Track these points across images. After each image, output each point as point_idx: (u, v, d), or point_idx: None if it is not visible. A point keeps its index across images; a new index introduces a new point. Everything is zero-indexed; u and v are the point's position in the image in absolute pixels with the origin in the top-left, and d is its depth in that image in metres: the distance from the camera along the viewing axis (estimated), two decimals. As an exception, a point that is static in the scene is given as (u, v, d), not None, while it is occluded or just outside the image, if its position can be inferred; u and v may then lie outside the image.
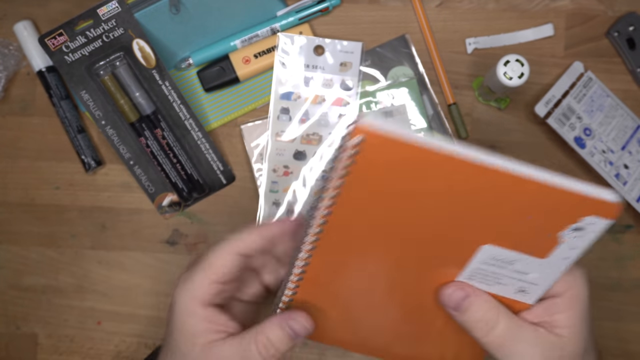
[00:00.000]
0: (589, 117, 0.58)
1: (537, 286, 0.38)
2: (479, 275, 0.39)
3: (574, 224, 0.34)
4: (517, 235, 0.36)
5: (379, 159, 0.32)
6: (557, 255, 0.36)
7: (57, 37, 0.54)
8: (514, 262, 0.37)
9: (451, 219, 0.35)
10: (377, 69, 0.60)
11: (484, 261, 0.37)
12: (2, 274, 0.61)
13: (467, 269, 0.38)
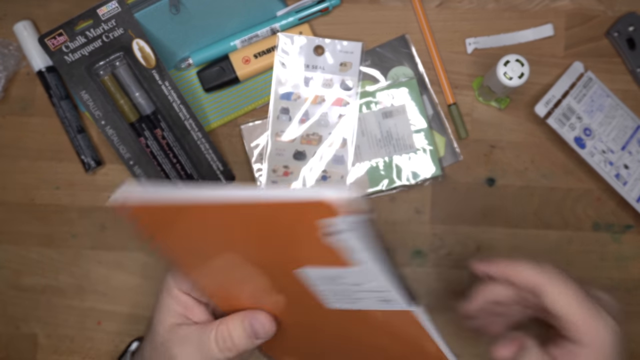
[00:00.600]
0: (589, 117, 0.57)
1: (389, 291, 0.37)
2: (339, 296, 0.38)
3: (324, 232, 0.32)
4: (310, 252, 0.35)
5: (152, 221, 0.36)
6: (355, 261, 0.35)
7: (57, 37, 0.54)
8: (341, 277, 0.36)
9: (257, 250, 0.36)
10: (377, 69, 0.60)
11: (320, 283, 0.37)
12: (2, 274, 0.61)
13: (320, 293, 0.39)
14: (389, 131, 0.59)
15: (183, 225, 0.36)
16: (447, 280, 0.59)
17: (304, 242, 0.35)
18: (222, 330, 0.40)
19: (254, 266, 0.39)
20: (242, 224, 0.35)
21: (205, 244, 0.38)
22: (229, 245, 0.37)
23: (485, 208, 0.59)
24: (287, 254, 0.37)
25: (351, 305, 0.39)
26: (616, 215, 0.59)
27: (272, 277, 0.39)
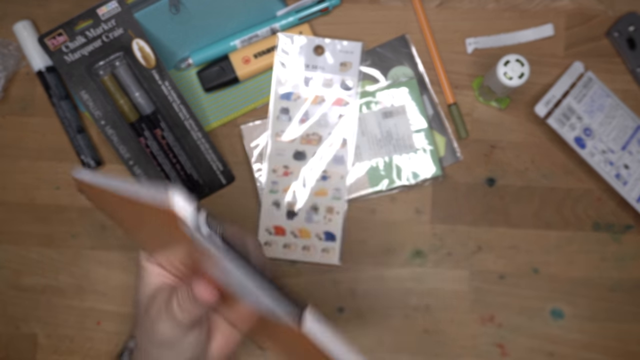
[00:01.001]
0: (589, 117, 0.57)
1: (262, 301, 0.33)
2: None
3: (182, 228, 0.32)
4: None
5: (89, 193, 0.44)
6: (220, 269, 0.34)
7: (57, 37, 0.54)
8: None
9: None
10: (377, 69, 0.60)
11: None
12: (2, 274, 0.61)
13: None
14: (389, 131, 0.59)
15: (108, 200, 0.42)
16: (447, 280, 0.59)
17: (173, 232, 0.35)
18: (180, 292, 0.41)
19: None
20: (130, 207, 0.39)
21: (122, 217, 0.44)
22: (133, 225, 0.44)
23: (485, 208, 0.59)
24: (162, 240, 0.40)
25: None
26: (616, 215, 0.59)
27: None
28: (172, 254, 0.43)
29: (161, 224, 0.37)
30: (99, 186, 0.40)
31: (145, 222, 0.41)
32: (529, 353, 0.59)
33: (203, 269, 0.38)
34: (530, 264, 0.59)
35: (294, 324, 0.31)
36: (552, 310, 0.59)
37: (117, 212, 0.44)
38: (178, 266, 0.43)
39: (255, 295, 0.32)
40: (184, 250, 0.38)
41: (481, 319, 0.59)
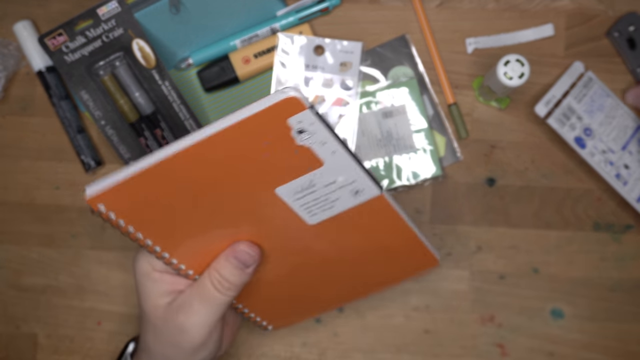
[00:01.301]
0: (589, 117, 0.57)
1: (360, 179, 0.40)
2: (314, 208, 0.41)
3: (292, 131, 0.36)
4: (282, 167, 0.38)
5: (125, 205, 0.38)
6: (326, 156, 0.37)
7: (57, 37, 0.54)
8: (314, 184, 0.39)
9: (233, 191, 0.39)
10: (377, 69, 0.60)
11: (295, 198, 0.40)
12: (2, 274, 0.61)
13: (298, 212, 0.41)
14: (389, 131, 0.59)
15: (149, 193, 0.38)
16: (447, 280, 0.59)
17: (276, 154, 0.37)
18: (214, 275, 0.41)
19: (230, 207, 0.40)
20: (211, 164, 0.37)
21: (174, 203, 0.39)
22: (200, 193, 0.39)
23: (485, 208, 0.59)
24: (261, 178, 0.38)
25: (329, 212, 0.41)
26: (616, 215, 0.59)
27: (249, 213, 0.41)
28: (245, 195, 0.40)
29: (253, 148, 0.36)
30: (147, 170, 0.36)
31: (223, 167, 0.38)
32: (529, 353, 0.59)
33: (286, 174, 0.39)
34: (530, 264, 0.59)
35: (378, 191, 0.41)
36: (552, 310, 0.59)
37: (167, 198, 0.39)
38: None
39: (355, 171, 0.39)
40: (269, 165, 0.38)
41: (481, 319, 0.59)
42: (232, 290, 0.41)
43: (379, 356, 0.59)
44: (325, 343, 0.59)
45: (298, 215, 0.42)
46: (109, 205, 0.38)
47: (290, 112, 0.35)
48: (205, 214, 0.40)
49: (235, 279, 0.41)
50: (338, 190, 0.40)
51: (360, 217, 0.43)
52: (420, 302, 0.59)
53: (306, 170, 0.38)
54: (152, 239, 0.41)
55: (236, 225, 0.42)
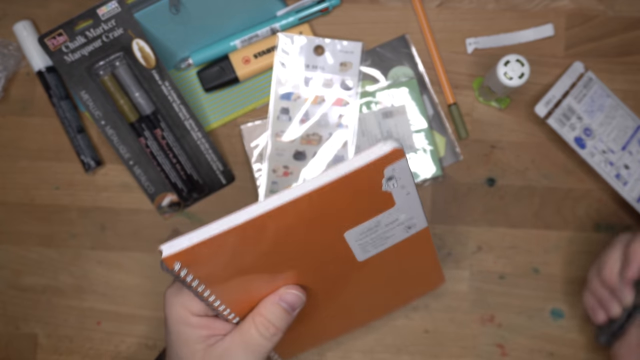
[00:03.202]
0: (589, 117, 0.57)
1: (414, 217, 0.41)
2: (369, 246, 0.41)
3: (384, 179, 0.36)
4: (359, 211, 0.38)
5: (207, 267, 0.37)
6: (400, 197, 0.38)
7: (57, 37, 0.54)
8: (379, 224, 0.40)
9: (306, 241, 0.39)
10: (377, 69, 0.60)
11: (358, 239, 0.40)
12: (2, 274, 0.61)
13: (354, 250, 0.41)
14: (389, 131, 0.59)
15: (226, 252, 0.36)
16: (447, 280, 0.59)
17: (362, 202, 0.37)
18: (260, 320, 0.40)
19: (296, 255, 0.40)
20: (299, 222, 0.36)
21: (247, 260, 0.38)
22: (275, 249, 0.38)
23: (485, 208, 0.59)
24: (337, 224, 0.39)
25: (381, 247, 0.42)
26: (617, 216, 0.59)
27: (311, 258, 0.41)
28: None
29: (343, 201, 0.37)
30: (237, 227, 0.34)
31: (314, 225, 0.37)
32: (529, 353, 0.59)
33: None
34: (530, 264, 0.59)
35: (425, 223, 0.42)
36: (552, 310, 0.59)
37: (243, 256, 0.37)
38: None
39: (418, 208, 0.40)
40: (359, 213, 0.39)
41: (481, 319, 0.59)
42: (277, 336, 0.40)
43: (379, 356, 0.59)
44: (325, 344, 0.59)
45: (353, 253, 0.41)
46: (186, 263, 0.36)
47: (388, 161, 0.35)
48: (270, 263, 0.39)
49: (282, 322, 0.40)
50: (397, 227, 0.41)
51: (404, 249, 0.43)
52: (420, 302, 0.59)
53: (378, 212, 0.39)
54: (215, 293, 0.39)
55: (293, 268, 0.41)
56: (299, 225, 0.37)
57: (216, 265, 0.37)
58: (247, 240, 0.36)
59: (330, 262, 0.42)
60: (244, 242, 0.36)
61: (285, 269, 0.40)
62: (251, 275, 0.39)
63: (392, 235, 0.41)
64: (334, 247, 0.40)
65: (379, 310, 0.54)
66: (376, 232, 0.40)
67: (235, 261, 0.37)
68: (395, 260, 0.45)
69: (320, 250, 0.40)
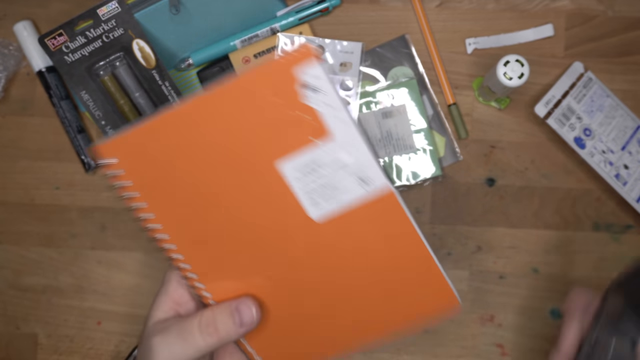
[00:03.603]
0: (589, 117, 0.57)
1: (364, 163, 0.38)
2: (317, 195, 0.39)
3: (299, 83, 0.35)
4: (286, 136, 0.37)
5: (139, 154, 0.39)
6: (331, 121, 0.36)
7: (57, 37, 0.54)
8: (317, 161, 0.37)
9: (235, 158, 0.38)
10: (377, 69, 0.60)
11: (297, 177, 0.38)
12: (2, 274, 0.61)
13: (300, 197, 0.39)
14: (389, 131, 0.59)
15: (153, 148, 0.39)
16: (447, 280, 0.59)
17: (280, 112, 0.36)
18: (207, 314, 0.39)
19: (229, 181, 0.39)
20: (216, 118, 0.37)
21: (176, 166, 0.39)
22: (202, 157, 0.39)
23: (485, 208, 0.59)
24: (264, 144, 0.37)
25: (334, 202, 0.39)
26: (616, 216, 0.59)
27: (249, 191, 0.39)
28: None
29: (259, 106, 0.36)
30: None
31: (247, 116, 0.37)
32: (529, 353, 0.59)
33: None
34: (530, 264, 0.59)
35: (385, 182, 0.38)
36: (552, 310, 0.59)
37: (171, 160, 0.39)
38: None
39: (361, 148, 0.37)
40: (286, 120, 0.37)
41: (481, 319, 0.59)
42: (213, 338, 0.38)
43: (379, 356, 0.59)
44: None
45: (300, 202, 0.39)
46: (123, 158, 0.39)
47: (295, 60, 0.34)
48: (205, 188, 0.39)
49: (224, 328, 0.39)
50: (342, 172, 0.38)
51: (368, 221, 0.40)
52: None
53: (308, 139, 0.37)
54: (149, 202, 0.40)
55: (236, 213, 0.40)
56: (220, 128, 0.37)
57: (147, 166, 0.39)
58: (172, 138, 0.38)
59: (273, 206, 0.40)
60: (168, 139, 0.38)
61: (228, 209, 0.40)
62: (182, 189, 0.40)
63: (344, 188, 0.39)
64: (270, 182, 0.38)
65: (373, 328, 0.45)
66: (318, 172, 0.38)
67: (163, 166, 0.39)
68: (366, 243, 0.40)
69: (255, 181, 0.39)
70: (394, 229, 0.40)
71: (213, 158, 0.39)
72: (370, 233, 0.40)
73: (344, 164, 0.38)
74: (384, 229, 0.40)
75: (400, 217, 0.40)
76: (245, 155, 0.38)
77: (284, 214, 0.40)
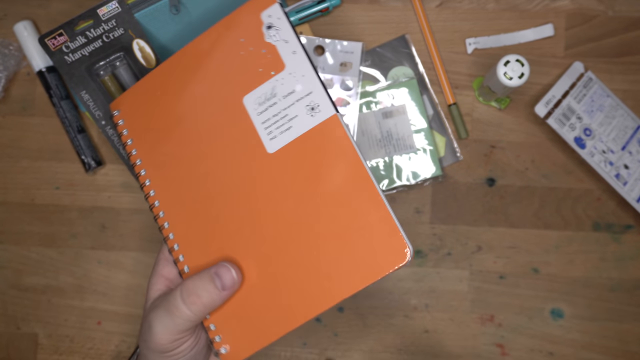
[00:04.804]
0: (589, 117, 0.57)
1: (315, 92, 0.41)
2: (273, 128, 0.41)
3: (264, 25, 0.42)
4: (249, 71, 0.42)
5: (136, 113, 0.46)
6: (286, 54, 0.41)
7: (57, 37, 0.54)
8: (275, 93, 0.41)
9: (208, 97, 0.43)
10: (377, 69, 0.60)
11: (258, 111, 0.42)
12: (2, 274, 0.61)
13: (258, 131, 0.42)
14: (389, 131, 0.59)
15: (145, 100, 0.46)
16: (447, 280, 0.59)
17: (249, 53, 0.42)
18: (187, 284, 0.39)
19: (205, 122, 0.43)
20: (199, 63, 0.43)
21: (165, 109, 0.45)
22: (185, 100, 0.44)
23: (485, 208, 0.59)
24: (235, 83, 0.42)
25: (287, 134, 0.41)
26: (616, 215, 0.59)
27: (219, 134, 0.43)
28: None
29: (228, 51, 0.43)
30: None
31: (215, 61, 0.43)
32: (529, 353, 0.59)
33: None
34: (530, 264, 0.59)
35: (332, 109, 0.40)
36: (552, 310, 0.59)
37: (162, 104, 0.45)
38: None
39: (312, 78, 0.41)
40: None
41: (481, 319, 0.59)
42: (197, 306, 0.39)
43: (379, 356, 0.59)
44: (325, 343, 0.59)
45: (260, 137, 0.41)
46: (124, 110, 0.47)
47: (262, 6, 0.41)
48: (188, 137, 0.44)
49: (206, 296, 0.39)
50: (296, 103, 0.41)
51: (315, 147, 0.40)
52: (420, 302, 0.59)
53: (270, 74, 0.41)
54: (139, 149, 0.46)
55: (209, 152, 0.43)
56: (201, 74, 0.43)
57: (142, 114, 0.45)
58: (157, 89, 0.45)
59: (240, 149, 0.42)
60: (157, 92, 0.45)
61: (202, 150, 0.43)
62: (166, 138, 0.44)
63: (296, 117, 0.41)
64: (236, 119, 0.42)
65: (329, 285, 0.40)
66: (275, 105, 0.41)
67: (153, 115, 0.45)
68: (315, 175, 0.40)
69: (227, 121, 0.42)
70: (339, 156, 0.41)
71: (194, 105, 0.44)
72: (318, 159, 0.41)
73: (295, 91, 0.41)
74: (330, 156, 0.41)
75: (344, 142, 0.41)
76: (220, 95, 0.43)
77: (248, 153, 0.42)
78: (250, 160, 0.42)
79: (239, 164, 0.42)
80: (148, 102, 0.45)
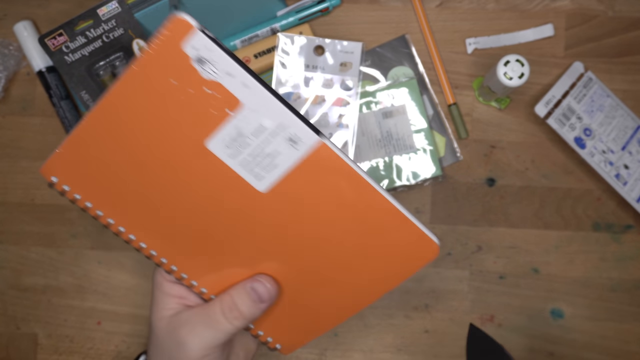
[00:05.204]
0: (589, 117, 0.57)
1: (287, 123, 0.36)
2: (255, 167, 0.38)
3: (193, 59, 0.34)
4: (200, 115, 0.35)
5: (74, 172, 0.39)
6: (237, 89, 0.35)
7: (57, 37, 0.54)
8: (240, 132, 0.36)
9: (164, 145, 0.37)
10: (377, 69, 0.60)
11: (229, 154, 0.37)
12: (2, 274, 0.61)
13: (240, 174, 0.38)
14: (389, 131, 0.59)
15: (91, 153, 0.38)
16: (447, 280, 0.59)
17: (188, 95, 0.35)
18: (227, 300, 0.40)
19: (166, 169, 0.38)
20: (133, 108, 0.36)
21: (116, 161, 0.38)
22: (136, 148, 0.38)
23: (485, 208, 0.59)
24: (186, 130, 0.36)
25: (275, 172, 0.38)
26: (616, 215, 0.59)
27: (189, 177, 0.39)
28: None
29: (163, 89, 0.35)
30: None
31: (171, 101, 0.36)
32: (529, 353, 0.59)
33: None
34: (530, 264, 0.59)
35: (314, 136, 0.36)
36: (552, 310, 0.59)
37: (109, 158, 0.38)
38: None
39: (278, 109, 0.35)
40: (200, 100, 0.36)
41: (481, 319, 0.59)
42: (239, 321, 0.40)
43: (379, 356, 0.59)
44: (325, 343, 0.59)
45: (245, 180, 0.38)
46: (62, 175, 0.38)
47: (179, 37, 0.33)
48: (155, 184, 0.39)
49: (247, 310, 0.40)
50: (271, 138, 0.36)
51: (312, 179, 0.38)
52: (420, 302, 0.59)
53: (225, 112, 0.35)
54: (95, 202, 0.40)
55: (192, 204, 0.39)
56: (141, 118, 0.36)
57: (85, 166, 0.38)
58: (102, 133, 0.37)
59: (229, 196, 0.39)
60: (102, 136, 0.37)
61: (182, 198, 0.39)
62: (133, 190, 0.39)
63: (277, 153, 0.37)
64: (210, 168, 0.37)
65: (364, 290, 0.43)
66: (248, 144, 0.37)
67: (102, 160, 0.38)
68: (312, 193, 0.38)
69: (195, 166, 0.38)
70: (339, 181, 0.38)
71: (147, 152, 0.38)
72: (316, 188, 0.38)
73: (265, 127, 0.36)
74: (331, 184, 0.38)
75: (339, 165, 0.37)
76: (175, 143, 0.37)
77: (236, 194, 0.39)
78: (245, 204, 0.39)
79: (235, 211, 0.39)
80: (93, 156, 0.38)
